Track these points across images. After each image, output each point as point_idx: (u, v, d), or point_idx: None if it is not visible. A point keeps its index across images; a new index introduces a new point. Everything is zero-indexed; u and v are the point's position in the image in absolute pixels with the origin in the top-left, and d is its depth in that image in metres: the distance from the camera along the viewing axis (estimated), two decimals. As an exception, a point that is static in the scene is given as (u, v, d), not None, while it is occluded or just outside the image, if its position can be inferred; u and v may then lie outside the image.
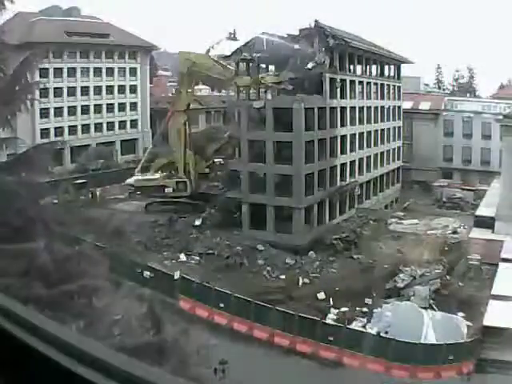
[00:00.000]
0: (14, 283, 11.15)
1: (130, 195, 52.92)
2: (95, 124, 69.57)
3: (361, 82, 55.40)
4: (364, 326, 31.68)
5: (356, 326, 31.85)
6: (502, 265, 33.97)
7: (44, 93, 62.75)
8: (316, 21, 50.77)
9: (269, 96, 51.29)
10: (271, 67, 57.12)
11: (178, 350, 12.56)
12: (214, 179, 55.33)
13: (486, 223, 39.52)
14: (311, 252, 42.85)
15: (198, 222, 46.33)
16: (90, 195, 53.98)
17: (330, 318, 32.77)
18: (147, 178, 53.13)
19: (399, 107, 63.65)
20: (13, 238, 12.58)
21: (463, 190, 60.38)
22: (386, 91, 60.56)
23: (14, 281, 11.36)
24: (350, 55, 52.71)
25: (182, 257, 42.21)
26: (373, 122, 56.66)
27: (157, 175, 53.78)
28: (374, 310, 32.89)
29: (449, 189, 61.19)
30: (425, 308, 33.16)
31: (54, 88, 64.77)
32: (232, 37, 51.80)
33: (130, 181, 53.15)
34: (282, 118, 45.71)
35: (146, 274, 35.92)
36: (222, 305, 33.25)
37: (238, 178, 47.62)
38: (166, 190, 51.62)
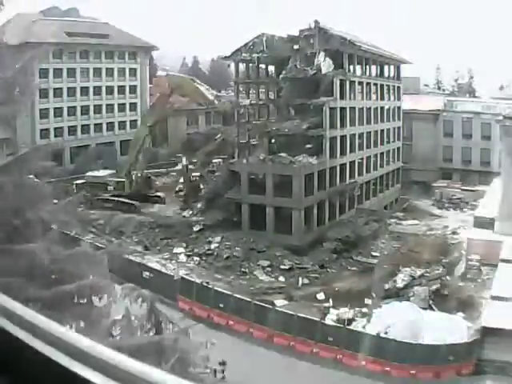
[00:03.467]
0: (13, 283, 11.15)
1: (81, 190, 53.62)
2: (95, 124, 69.58)
3: (360, 83, 55.42)
4: (364, 327, 31.66)
5: (356, 326, 31.83)
6: (501, 265, 33.95)
7: (44, 93, 62.87)
8: (316, 21, 50.82)
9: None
10: (271, 67, 57.24)
11: (178, 351, 12.56)
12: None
13: (486, 224, 39.49)
14: (311, 252, 42.88)
15: (196, 229, 46.27)
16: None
17: (330, 319, 32.75)
18: (96, 174, 54.02)
19: (399, 108, 63.65)
20: (12, 239, 12.58)
21: (463, 190, 60.39)
22: (385, 92, 60.59)
23: (13, 281, 11.37)
24: (350, 56, 52.74)
25: (182, 257, 42.25)
26: (372, 122, 56.67)
27: (105, 172, 54.80)
28: (374, 311, 32.88)
29: (448, 189, 61.20)
30: (424, 308, 33.17)
31: (54, 88, 64.79)
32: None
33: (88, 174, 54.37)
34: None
35: (146, 274, 35.90)
36: (221, 305, 33.24)
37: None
38: (108, 187, 52.68)
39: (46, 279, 12.46)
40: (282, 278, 39.72)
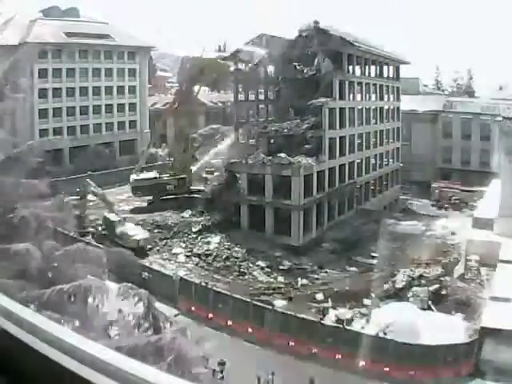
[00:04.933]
0: (10, 283, 11.14)
1: (135, 194, 53.44)
2: (94, 125, 69.56)
3: (360, 83, 55.45)
4: (363, 327, 31.66)
5: (355, 326, 31.82)
6: (500, 266, 33.96)
7: (43, 93, 62.89)
8: (315, 21, 50.84)
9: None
10: (271, 67, 57.25)
11: (177, 351, 12.56)
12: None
13: (485, 224, 39.50)
14: (310, 253, 42.87)
15: (195, 229, 46.22)
16: None
17: (329, 319, 32.74)
18: (145, 177, 53.59)
19: (398, 108, 63.70)
20: (9, 237, 12.58)
21: (462, 191, 60.46)
22: (384, 92, 60.63)
23: (10, 280, 11.36)
24: (349, 56, 52.77)
25: (181, 258, 42.20)
26: (372, 123, 56.70)
27: (153, 174, 54.47)
28: (373, 311, 32.88)
29: (448, 190, 61.26)
30: (423, 309, 33.18)
31: (53, 89, 64.77)
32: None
33: (133, 177, 53.85)
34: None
35: (145, 274, 35.87)
36: (220, 306, 33.23)
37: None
38: (168, 187, 52.27)
39: (42, 279, 12.45)
40: (281, 279, 39.69)
